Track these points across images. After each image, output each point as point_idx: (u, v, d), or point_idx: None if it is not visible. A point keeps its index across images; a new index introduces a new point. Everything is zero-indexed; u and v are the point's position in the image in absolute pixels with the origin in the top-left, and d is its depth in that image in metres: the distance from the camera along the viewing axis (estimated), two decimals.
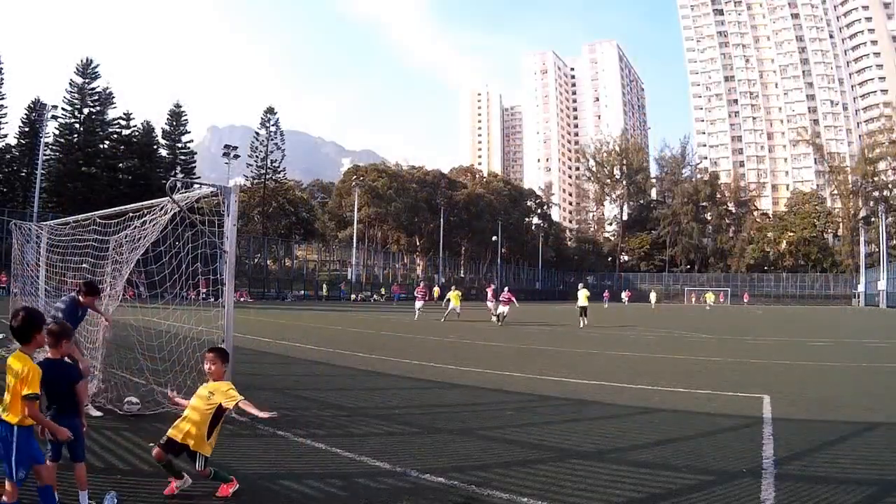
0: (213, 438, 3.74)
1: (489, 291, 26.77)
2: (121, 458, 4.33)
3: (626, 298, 62.20)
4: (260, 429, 5.42)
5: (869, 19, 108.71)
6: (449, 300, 23.63)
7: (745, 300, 70.84)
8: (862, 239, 75.07)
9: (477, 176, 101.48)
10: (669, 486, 4.07)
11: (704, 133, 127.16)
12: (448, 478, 4.11)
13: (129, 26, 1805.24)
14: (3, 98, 51.92)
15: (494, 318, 22.36)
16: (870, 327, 25.84)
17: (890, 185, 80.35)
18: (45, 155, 47.39)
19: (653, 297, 58.02)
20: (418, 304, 25.42)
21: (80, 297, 5.68)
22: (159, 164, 58.57)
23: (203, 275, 6.34)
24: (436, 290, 60.04)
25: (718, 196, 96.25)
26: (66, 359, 3.55)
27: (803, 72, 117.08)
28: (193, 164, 63.53)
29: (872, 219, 76.53)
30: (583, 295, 22.29)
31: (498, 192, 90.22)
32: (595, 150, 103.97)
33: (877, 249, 70.84)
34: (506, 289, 23.30)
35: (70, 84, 54.41)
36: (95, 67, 55.53)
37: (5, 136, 53.39)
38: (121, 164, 57.36)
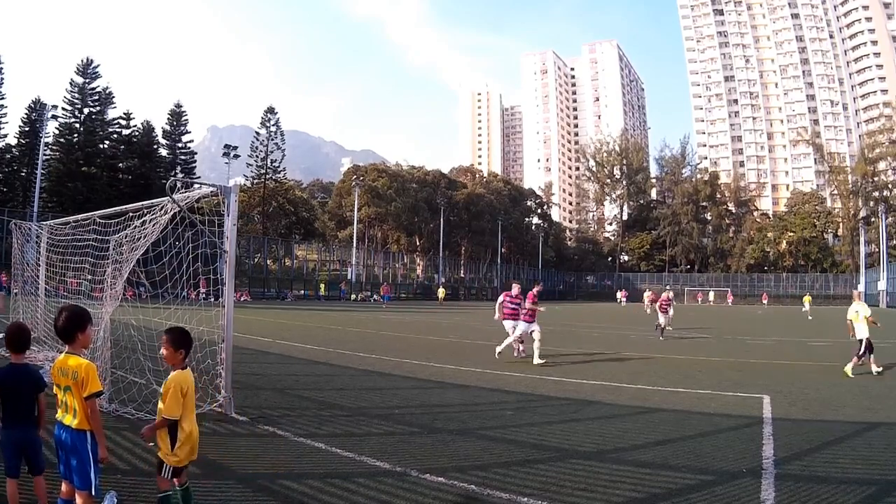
0: (179, 448, 3.13)
1: (648, 296, 19.45)
2: (121, 458, 4.32)
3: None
4: (260, 429, 5.43)
5: (869, 19, 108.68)
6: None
7: (764, 301, 68.18)
8: (862, 239, 74.99)
9: (477, 176, 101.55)
10: (669, 486, 4.07)
11: (704, 133, 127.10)
12: (448, 478, 4.11)
13: (129, 26, 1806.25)
14: (3, 98, 51.95)
15: (658, 333, 18.16)
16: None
17: (890, 185, 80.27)
18: (45, 155, 47.39)
19: (647, 297, 57.41)
20: (516, 326, 11.31)
21: None
22: (159, 164, 58.57)
23: (203, 274, 6.35)
24: (441, 290, 59.68)
25: (718, 196, 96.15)
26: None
27: (803, 72, 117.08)
28: (193, 164, 63.61)
29: (872, 219, 76.45)
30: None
31: (498, 191, 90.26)
32: (595, 150, 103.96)
33: (877, 249, 70.80)
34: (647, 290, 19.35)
35: (70, 84, 54.42)
36: (96, 67, 55.55)
37: (5, 136, 53.49)
38: (121, 164, 57.42)
